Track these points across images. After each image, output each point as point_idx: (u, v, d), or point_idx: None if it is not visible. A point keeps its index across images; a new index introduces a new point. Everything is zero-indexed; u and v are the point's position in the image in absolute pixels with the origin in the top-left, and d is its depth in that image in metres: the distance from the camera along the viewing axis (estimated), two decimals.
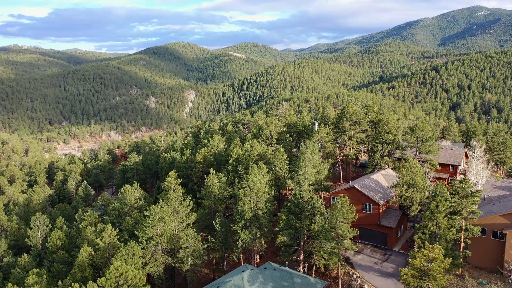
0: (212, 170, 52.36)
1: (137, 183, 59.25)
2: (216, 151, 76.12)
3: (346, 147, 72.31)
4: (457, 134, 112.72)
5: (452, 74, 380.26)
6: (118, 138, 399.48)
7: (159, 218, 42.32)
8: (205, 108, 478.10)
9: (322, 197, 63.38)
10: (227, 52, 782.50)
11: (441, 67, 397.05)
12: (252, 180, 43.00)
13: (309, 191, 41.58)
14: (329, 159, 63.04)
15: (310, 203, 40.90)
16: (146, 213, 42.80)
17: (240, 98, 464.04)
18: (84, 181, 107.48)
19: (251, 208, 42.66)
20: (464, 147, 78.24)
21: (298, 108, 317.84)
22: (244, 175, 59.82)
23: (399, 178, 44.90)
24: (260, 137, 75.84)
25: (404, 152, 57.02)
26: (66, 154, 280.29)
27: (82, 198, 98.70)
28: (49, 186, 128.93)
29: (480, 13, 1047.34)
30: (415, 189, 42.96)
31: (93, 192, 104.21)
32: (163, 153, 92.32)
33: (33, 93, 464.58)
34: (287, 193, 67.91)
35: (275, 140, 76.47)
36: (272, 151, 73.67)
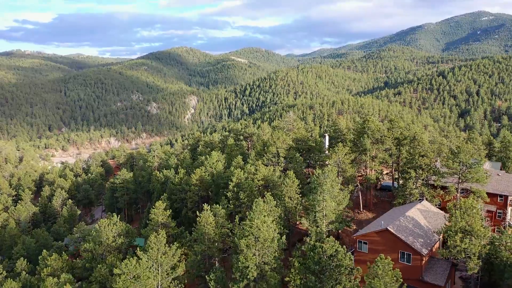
0: (206, 206, 42.06)
1: (117, 216, 49.01)
2: (215, 171, 65.98)
3: (366, 169, 61.97)
4: (481, 148, 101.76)
5: (459, 80, 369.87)
6: (118, 144, 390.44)
7: (134, 276, 32.08)
8: (207, 114, 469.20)
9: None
10: (229, 57, 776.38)
11: (448, 73, 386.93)
12: (257, 226, 32.71)
13: (333, 243, 31.22)
14: (348, 185, 52.67)
15: (336, 259, 30.57)
16: (117, 271, 32.55)
17: (242, 104, 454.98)
18: (69, 200, 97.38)
19: (255, 264, 32.37)
20: (501, 168, 67.75)
21: (303, 115, 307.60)
22: (247, 210, 49.68)
23: (450, 221, 34.45)
24: (265, 155, 65.72)
25: (443, 180, 46.58)
26: (62, 162, 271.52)
27: (66, 220, 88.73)
28: (36, 202, 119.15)
29: (484, 18, 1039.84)
30: (473, 238, 32.53)
31: (79, 212, 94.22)
32: (156, 171, 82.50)
33: (33, 98, 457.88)
34: (298, 223, 57.46)
35: (282, 159, 66.30)
36: (280, 171, 63.59)
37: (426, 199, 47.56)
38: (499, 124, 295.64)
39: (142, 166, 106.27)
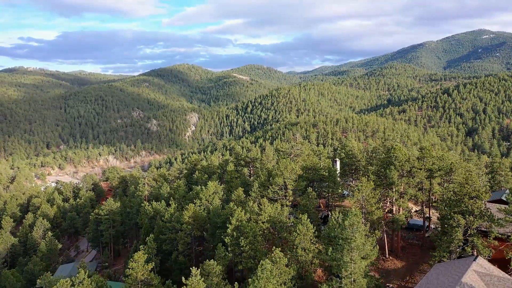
0: (194, 270, 32.00)
1: (85, 272, 38.89)
2: (211, 207, 56.16)
3: (391, 204, 52.06)
4: (510, 174, 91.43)
5: (465, 98, 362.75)
6: (116, 163, 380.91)
7: None
8: (208, 131, 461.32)
9: None
10: (231, 74, 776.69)
11: (453, 90, 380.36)
12: None
13: None
14: (375, 231, 42.65)
15: None
16: None
17: (244, 121, 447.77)
18: (49, 232, 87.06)
19: None
20: None
21: (306, 133, 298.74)
22: (249, 259, 39.76)
23: None
24: (270, 187, 56.07)
25: (501, 230, 36.59)
26: (57, 182, 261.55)
27: (44, 256, 78.18)
28: (17, 231, 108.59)
29: (484, 37, 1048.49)
30: None
31: (60, 245, 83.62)
32: (145, 201, 72.81)
33: (32, 115, 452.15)
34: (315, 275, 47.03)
35: (290, 192, 56.55)
36: (288, 206, 53.83)
37: (478, 251, 37.42)
38: (508, 143, 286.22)
39: (133, 191, 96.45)
